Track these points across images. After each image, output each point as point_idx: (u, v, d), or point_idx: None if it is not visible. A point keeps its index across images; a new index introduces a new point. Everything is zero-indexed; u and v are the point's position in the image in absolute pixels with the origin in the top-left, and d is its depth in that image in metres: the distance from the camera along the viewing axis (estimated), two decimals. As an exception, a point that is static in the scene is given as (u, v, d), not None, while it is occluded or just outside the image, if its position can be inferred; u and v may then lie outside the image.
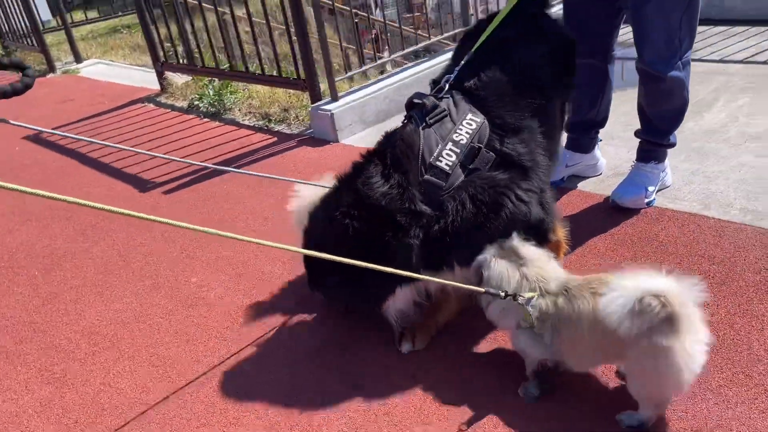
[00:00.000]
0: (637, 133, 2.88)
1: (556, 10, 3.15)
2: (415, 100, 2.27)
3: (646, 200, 2.81)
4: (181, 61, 5.82)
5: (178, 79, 6.03)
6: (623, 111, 3.53)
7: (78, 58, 7.94)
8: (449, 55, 4.73)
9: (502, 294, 1.85)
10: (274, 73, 4.79)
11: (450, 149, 2.12)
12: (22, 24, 7.84)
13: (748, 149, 3.17)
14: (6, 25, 8.40)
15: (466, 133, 2.14)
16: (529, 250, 1.96)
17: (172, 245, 3.23)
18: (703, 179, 2.97)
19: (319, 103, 4.31)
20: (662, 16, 2.51)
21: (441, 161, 2.09)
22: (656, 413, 1.77)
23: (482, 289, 1.88)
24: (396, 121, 4.38)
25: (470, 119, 2.18)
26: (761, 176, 2.90)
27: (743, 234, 2.54)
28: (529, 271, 1.90)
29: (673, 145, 2.85)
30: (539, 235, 2.18)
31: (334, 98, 4.25)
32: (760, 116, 3.51)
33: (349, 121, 4.22)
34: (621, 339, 1.62)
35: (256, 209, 3.46)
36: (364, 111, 4.31)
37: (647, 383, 1.69)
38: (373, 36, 7.67)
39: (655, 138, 2.83)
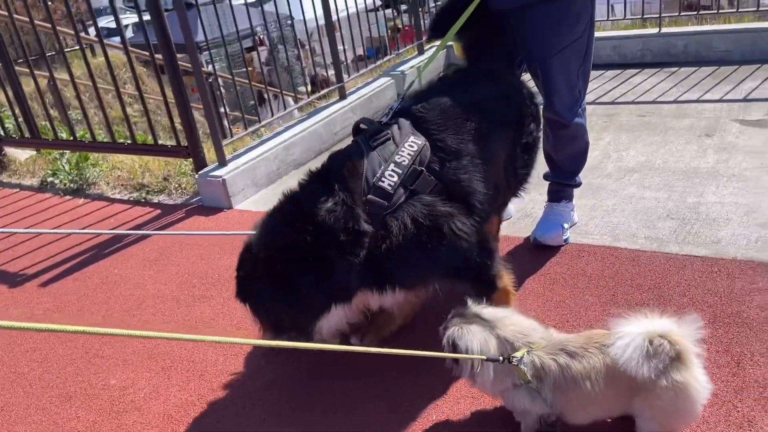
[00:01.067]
0: (546, 176, 3.06)
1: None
2: (362, 125, 2.29)
3: (564, 237, 2.98)
4: (23, 133, 5.21)
5: (19, 154, 5.41)
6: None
7: None
8: (331, 109, 4.81)
9: (501, 359, 1.83)
10: (141, 142, 4.47)
11: (392, 170, 2.13)
12: None
13: (630, 182, 3.50)
14: None
15: (408, 154, 2.17)
16: (491, 311, 1.95)
17: (71, 345, 2.83)
18: (603, 213, 3.22)
19: (206, 169, 4.07)
20: (564, 69, 2.71)
21: (384, 181, 2.11)
22: None
23: (483, 357, 1.84)
24: (288, 181, 4.31)
25: (412, 141, 2.20)
26: (651, 206, 3.20)
27: (656, 261, 2.77)
28: (504, 331, 1.89)
29: (579, 184, 3.07)
30: (484, 282, 2.22)
31: (223, 163, 4.05)
32: (626, 151, 3.90)
33: (241, 185, 4.04)
34: (637, 384, 1.67)
35: (163, 292, 3.15)
36: (256, 174, 4.15)
37: (666, 421, 1.75)
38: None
39: (564, 179, 3.02)
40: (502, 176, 2.45)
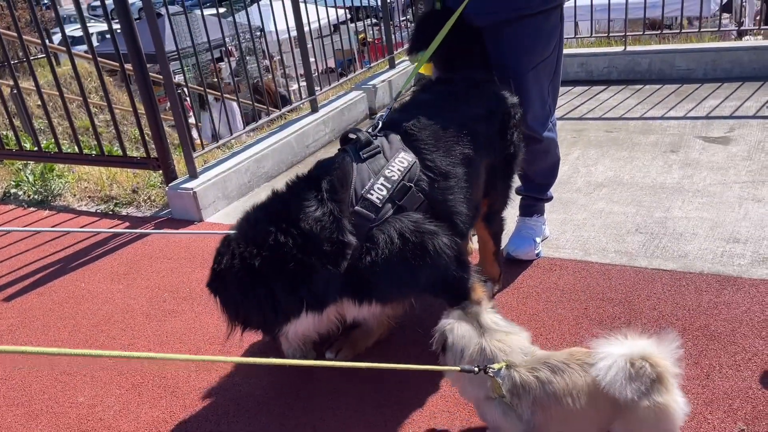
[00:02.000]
0: (518, 191, 3.10)
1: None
2: (350, 135, 2.27)
3: (536, 251, 3.02)
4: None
5: (-20, 164, 5.26)
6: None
7: None
8: (303, 122, 4.80)
9: (476, 370, 1.84)
10: (109, 153, 4.39)
11: (382, 183, 2.13)
12: None
13: (599, 197, 3.57)
14: None
15: (398, 170, 2.17)
16: (491, 318, 1.97)
17: (36, 362, 2.74)
18: (574, 227, 3.27)
19: (177, 181, 4.02)
20: (537, 84, 2.76)
21: (372, 194, 2.11)
22: None
23: (458, 368, 1.85)
24: (260, 194, 4.28)
25: (402, 157, 2.20)
26: (619, 221, 3.27)
27: (626, 275, 2.82)
28: (489, 343, 1.90)
29: (551, 198, 3.12)
30: (460, 295, 2.23)
31: (193, 175, 4.00)
32: (594, 166, 3.98)
33: (212, 198, 3.99)
34: (619, 405, 1.69)
35: (132, 307, 3.09)
36: (227, 186, 4.11)
37: None
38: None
39: (536, 193, 3.07)
40: (482, 196, 2.48)
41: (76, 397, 2.51)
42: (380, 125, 2.31)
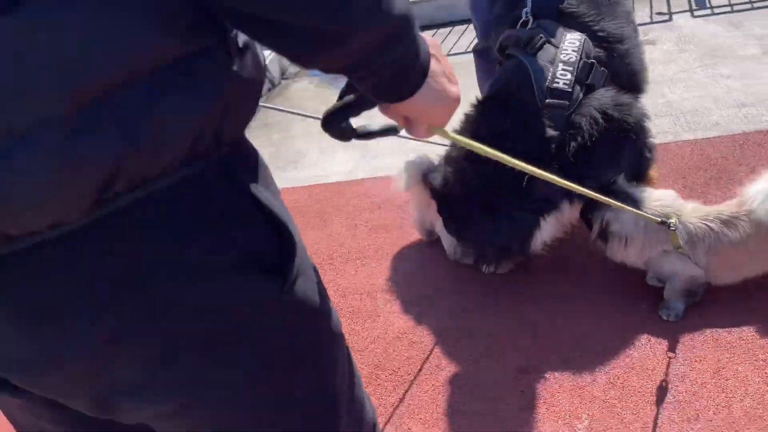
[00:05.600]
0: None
1: None
2: (506, 41, 2.22)
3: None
4: None
5: None
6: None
7: None
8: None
9: (659, 220, 1.93)
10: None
11: (563, 69, 2.09)
12: None
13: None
14: None
15: (573, 51, 2.13)
16: (637, 191, 2.06)
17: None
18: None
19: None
20: None
21: (558, 82, 2.07)
22: None
23: (657, 219, 1.92)
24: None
25: (570, 38, 2.16)
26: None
27: (671, 150, 3.06)
28: (652, 208, 1.99)
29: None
30: (643, 170, 2.29)
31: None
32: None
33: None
34: None
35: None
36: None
37: None
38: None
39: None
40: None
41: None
42: (531, 19, 2.25)
